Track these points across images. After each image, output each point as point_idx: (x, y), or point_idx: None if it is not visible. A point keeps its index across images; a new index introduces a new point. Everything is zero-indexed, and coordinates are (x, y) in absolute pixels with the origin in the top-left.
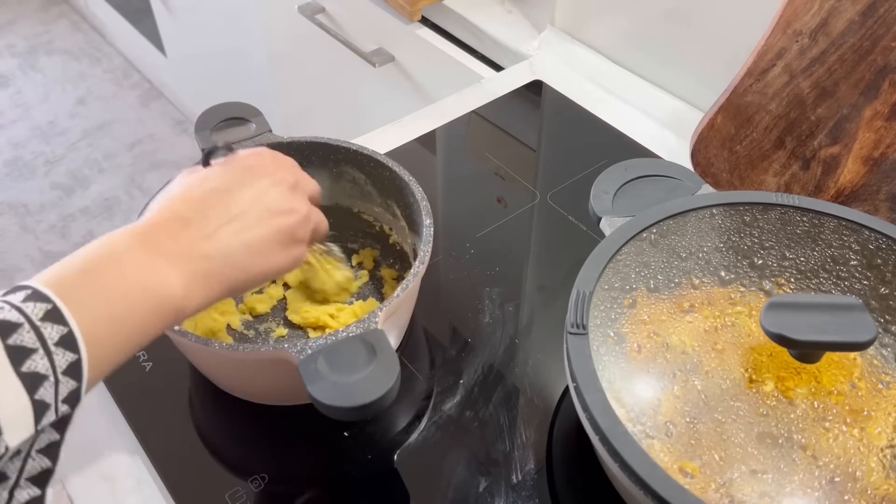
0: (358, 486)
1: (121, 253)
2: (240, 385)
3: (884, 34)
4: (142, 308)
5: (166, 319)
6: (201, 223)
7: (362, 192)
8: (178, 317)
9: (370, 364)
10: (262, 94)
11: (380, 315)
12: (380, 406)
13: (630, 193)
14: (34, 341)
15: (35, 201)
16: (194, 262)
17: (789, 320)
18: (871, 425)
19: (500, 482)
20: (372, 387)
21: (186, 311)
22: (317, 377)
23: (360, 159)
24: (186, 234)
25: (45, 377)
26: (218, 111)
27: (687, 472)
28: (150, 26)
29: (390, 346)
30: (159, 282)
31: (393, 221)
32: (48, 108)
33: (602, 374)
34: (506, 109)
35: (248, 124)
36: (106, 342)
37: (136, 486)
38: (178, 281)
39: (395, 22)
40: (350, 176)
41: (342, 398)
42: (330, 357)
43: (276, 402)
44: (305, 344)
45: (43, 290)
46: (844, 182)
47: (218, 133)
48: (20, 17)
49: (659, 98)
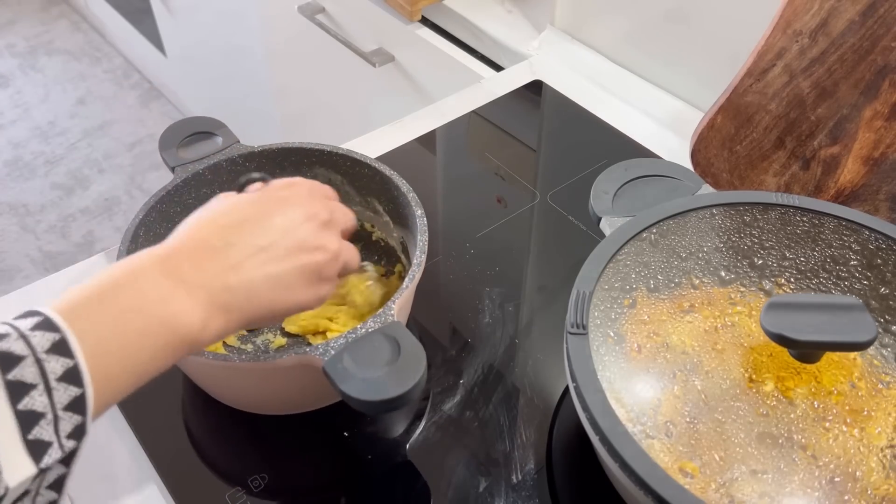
0: (358, 486)
1: (141, 280)
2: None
3: (884, 34)
4: (156, 341)
5: (180, 352)
6: (227, 252)
7: (339, 192)
8: (191, 349)
9: (395, 356)
10: (261, 94)
11: (394, 307)
12: (412, 396)
13: (630, 193)
14: (35, 376)
15: (35, 201)
16: (215, 294)
17: (789, 320)
18: (871, 425)
19: (500, 482)
20: (403, 378)
21: (201, 344)
22: (346, 375)
23: (336, 160)
24: (210, 264)
25: (41, 415)
26: (181, 127)
27: (687, 472)
28: (150, 26)
29: (412, 336)
30: (177, 314)
31: (374, 218)
32: (48, 108)
33: (602, 374)
34: (506, 109)
35: (215, 138)
36: (114, 375)
37: (136, 486)
38: (196, 313)
39: (395, 22)
40: (326, 178)
41: (375, 392)
42: (354, 354)
43: (284, 411)
44: (327, 345)
45: (54, 318)
46: (844, 182)
47: (185, 149)
48: (20, 17)
49: (659, 98)
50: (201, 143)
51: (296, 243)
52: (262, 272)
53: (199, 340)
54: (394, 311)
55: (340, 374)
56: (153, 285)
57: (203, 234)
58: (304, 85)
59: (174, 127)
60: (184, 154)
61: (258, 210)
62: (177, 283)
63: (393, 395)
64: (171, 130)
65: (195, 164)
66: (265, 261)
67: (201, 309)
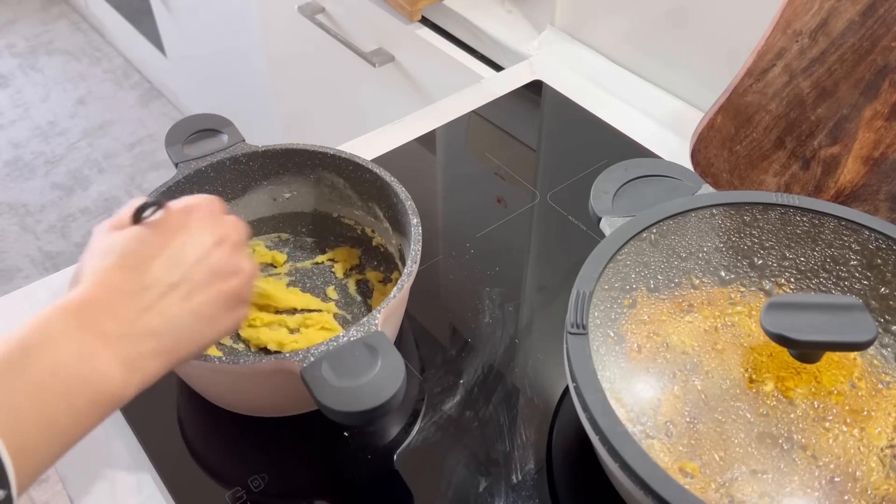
0: (358, 486)
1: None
2: (238, 400)
3: (884, 34)
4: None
5: (103, 410)
6: (142, 295)
7: (342, 196)
8: (116, 405)
9: (374, 367)
10: (261, 93)
11: (379, 317)
12: (389, 408)
13: (630, 193)
14: None
15: (35, 201)
16: (137, 342)
17: (789, 320)
18: (871, 425)
19: (500, 482)
20: (380, 389)
21: (125, 397)
22: (323, 384)
23: (339, 164)
24: (128, 310)
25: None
26: (188, 124)
27: (687, 472)
28: (150, 26)
29: (393, 348)
30: (96, 371)
31: (375, 224)
32: (48, 108)
33: (602, 374)
34: (506, 109)
35: (220, 135)
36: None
37: (136, 486)
38: (117, 368)
39: (395, 22)
40: (328, 181)
41: (351, 403)
42: (333, 363)
43: (273, 414)
44: (307, 352)
45: None
46: (844, 182)
47: (190, 146)
48: (20, 17)
49: (659, 98)
50: (207, 140)
51: (211, 271)
52: (184, 308)
53: (122, 395)
54: (378, 321)
55: (317, 381)
56: (68, 343)
57: (113, 280)
58: (304, 85)
59: (181, 123)
60: (189, 151)
61: (163, 243)
62: (95, 337)
63: (365, 408)
64: (178, 127)
65: (198, 161)
66: (184, 296)
67: (122, 363)
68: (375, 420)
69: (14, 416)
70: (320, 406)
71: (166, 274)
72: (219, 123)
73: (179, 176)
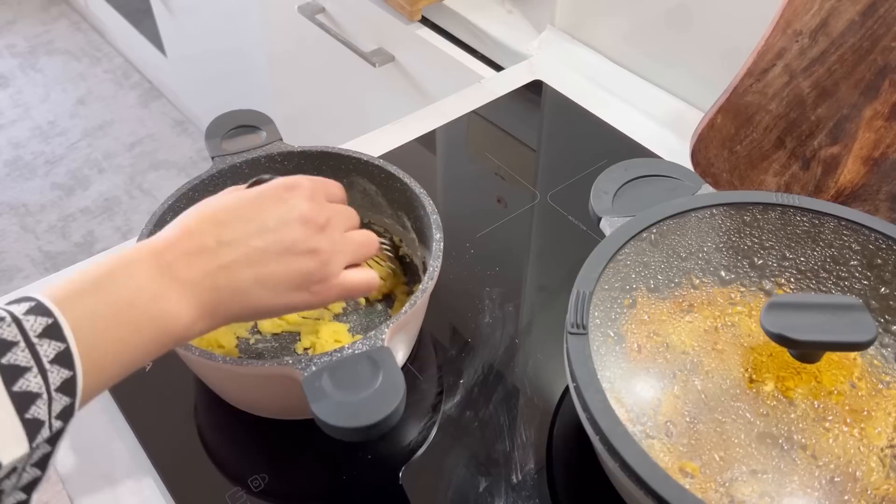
0: (358, 486)
1: (136, 274)
2: (246, 399)
3: (884, 34)
4: (146, 335)
5: (167, 345)
6: (218, 252)
7: (373, 203)
8: (177, 343)
9: (375, 382)
10: (261, 93)
11: (386, 332)
12: (385, 426)
13: (630, 193)
14: (28, 360)
15: (35, 201)
16: (205, 293)
17: (789, 320)
18: (871, 425)
19: (500, 482)
20: (377, 407)
21: (187, 339)
22: (321, 395)
23: (372, 170)
24: (202, 262)
25: (37, 395)
26: (229, 118)
27: (687, 472)
28: (150, 26)
29: (396, 365)
30: (167, 311)
31: (403, 233)
32: (48, 108)
33: (602, 374)
34: (506, 109)
35: (259, 132)
36: (103, 362)
37: (136, 486)
38: (186, 311)
39: (395, 22)
40: (361, 186)
41: (347, 418)
42: (335, 374)
43: (281, 416)
44: (310, 360)
45: (47, 303)
46: (844, 182)
47: (228, 141)
48: (20, 17)
49: (659, 98)
50: (245, 136)
51: (287, 247)
52: (250, 273)
53: (184, 336)
54: (385, 336)
55: (315, 392)
56: (147, 281)
57: (201, 228)
58: (304, 85)
59: (222, 118)
60: (226, 146)
61: (255, 208)
62: (170, 281)
63: (361, 425)
64: (219, 121)
65: (234, 156)
66: (255, 261)
67: (190, 308)
68: (371, 437)
69: (92, 334)
70: (314, 417)
71: (245, 237)
72: (259, 120)
73: (213, 170)
